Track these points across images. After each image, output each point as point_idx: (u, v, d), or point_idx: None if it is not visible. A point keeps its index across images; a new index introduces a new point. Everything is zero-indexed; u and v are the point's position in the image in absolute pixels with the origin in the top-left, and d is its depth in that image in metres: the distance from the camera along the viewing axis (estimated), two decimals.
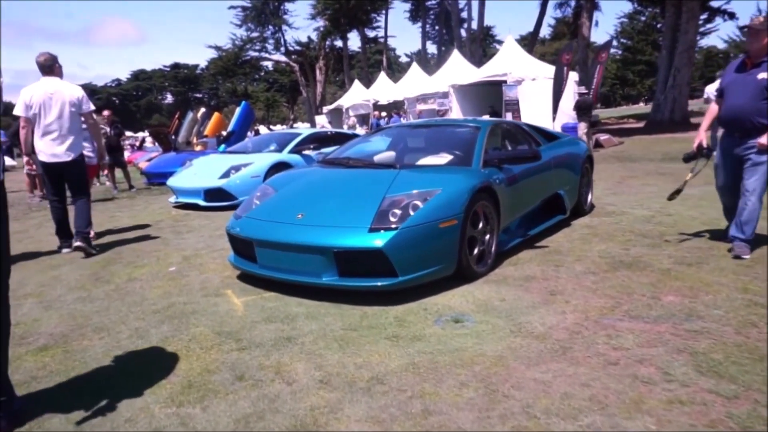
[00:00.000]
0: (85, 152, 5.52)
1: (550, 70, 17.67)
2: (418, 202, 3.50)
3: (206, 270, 4.45)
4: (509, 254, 4.43)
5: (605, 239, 4.87)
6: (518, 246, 4.57)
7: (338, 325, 3.12)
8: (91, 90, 73.46)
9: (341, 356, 2.69)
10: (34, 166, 5.35)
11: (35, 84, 5.12)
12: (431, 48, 47.73)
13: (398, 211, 3.46)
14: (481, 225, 3.88)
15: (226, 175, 7.80)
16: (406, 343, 2.82)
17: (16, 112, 5.06)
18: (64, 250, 5.39)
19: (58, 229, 5.43)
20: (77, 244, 5.17)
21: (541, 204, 5.09)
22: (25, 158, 5.45)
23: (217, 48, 43.00)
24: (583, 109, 13.77)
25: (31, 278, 4.49)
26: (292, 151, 8.53)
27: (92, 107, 5.36)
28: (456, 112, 19.23)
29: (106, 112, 12.10)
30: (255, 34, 41.62)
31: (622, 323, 2.96)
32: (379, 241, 3.29)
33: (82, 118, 5.30)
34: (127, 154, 22.35)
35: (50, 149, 5.10)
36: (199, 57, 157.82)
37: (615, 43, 51.37)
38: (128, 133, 47.07)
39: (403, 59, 73.77)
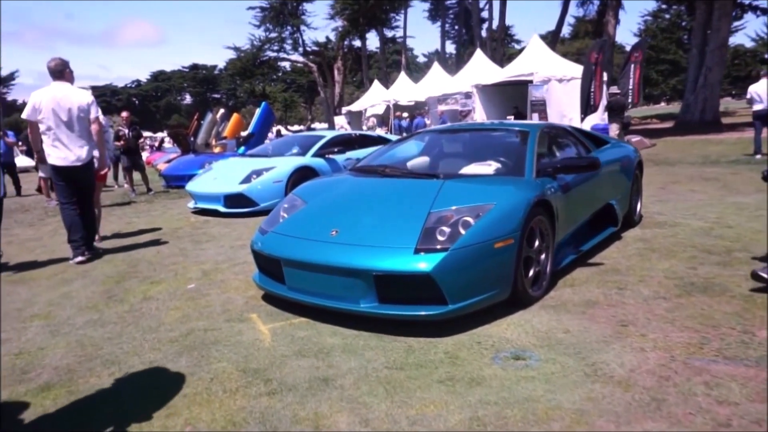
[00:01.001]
0: (96, 154, 5.45)
1: (578, 69, 17.11)
2: (470, 219, 3.07)
3: (228, 288, 4.07)
4: (562, 273, 3.98)
5: (666, 255, 4.39)
6: (570, 264, 4.11)
7: (381, 361, 2.70)
8: (111, 91, 74.37)
9: (389, 406, 2.28)
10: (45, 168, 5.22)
11: (45, 88, 5.07)
12: (449, 48, 47.18)
13: (446, 229, 3.04)
14: (537, 243, 3.44)
15: (247, 180, 7.44)
16: (464, 389, 2.40)
17: (24, 115, 5.03)
18: (78, 258, 5.14)
19: (71, 236, 5.20)
20: (74, 260, 5.17)
21: (591, 216, 4.62)
22: (36, 155, 5.35)
23: (236, 49, 42.87)
24: (615, 109, 13.16)
25: (41, 295, 4.15)
26: (315, 155, 8.16)
27: (99, 113, 5.29)
28: (479, 113, 18.73)
29: (124, 114, 11.85)
30: (273, 35, 41.35)
31: (717, 366, 2.50)
32: (426, 264, 2.87)
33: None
34: (146, 155, 22.30)
35: (61, 153, 5.05)
36: (218, 58, 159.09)
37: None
38: (147, 134, 47.41)
39: (421, 59, 73.30)
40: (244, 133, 14.16)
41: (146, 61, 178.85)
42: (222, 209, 7.47)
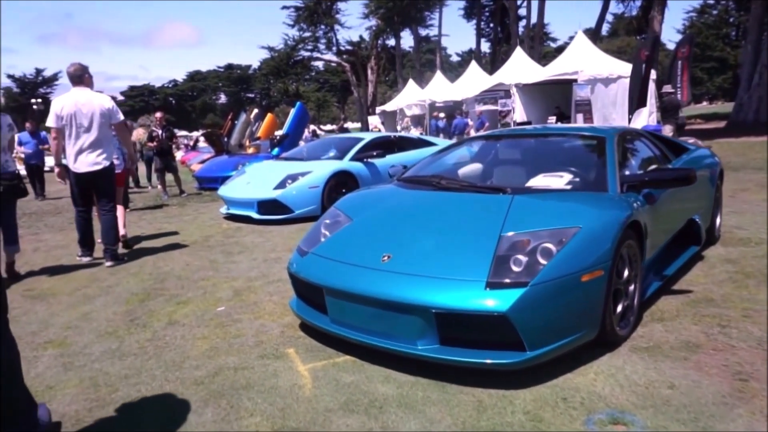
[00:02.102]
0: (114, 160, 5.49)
1: (625, 67, 16.28)
2: (551, 246, 2.54)
3: (262, 312, 3.63)
4: (646, 304, 3.40)
5: (764, 282, 3.77)
6: (653, 292, 3.52)
7: (447, 423, 2.20)
8: (149, 90, 75.85)
9: None
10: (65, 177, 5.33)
11: (66, 94, 5.08)
12: (483, 47, 46.26)
13: (523, 258, 2.52)
14: (626, 272, 2.88)
15: (281, 185, 7.04)
16: None
17: (48, 123, 5.04)
18: (84, 259, 5.34)
19: (81, 239, 5.36)
20: (108, 264, 5.18)
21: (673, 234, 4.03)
22: (56, 169, 5.35)
23: (270, 48, 42.96)
24: (669, 110, 12.33)
25: (60, 314, 3.80)
26: (353, 159, 7.70)
27: (121, 117, 5.31)
28: (519, 114, 18.03)
29: (158, 114, 11.68)
30: (307, 34, 41.24)
31: None
32: (500, 302, 2.36)
33: (113, 128, 5.31)
34: (180, 154, 22.30)
35: (82, 159, 5.04)
36: (252, 57, 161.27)
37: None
38: (183, 133, 47.91)
39: (454, 58, 72.35)
40: (278, 133, 13.86)
41: (184, 62, 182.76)
42: (255, 216, 7.09)
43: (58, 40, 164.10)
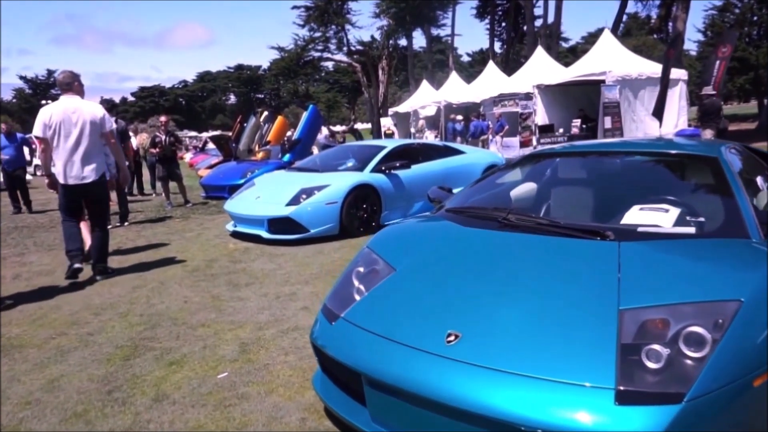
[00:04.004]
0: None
1: (656, 67, 15.41)
2: (701, 331, 1.72)
3: (275, 382, 2.83)
4: None
5: None
6: None
7: None
8: (159, 91, 75.57)
9: None
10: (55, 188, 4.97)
11: (55, 103, 4.89)
12: (496, 47, 45.33)
13: (662, 351, 1.70)
14: None
15: (295, 200, 6.25)
16: None
17: (35, 132, 4.78)
18: (76, 265, 4.91)
19: (68, 246, 4.94)
20: (98, 278, 5.00)
21: None
22: (47, 179, 5.01)
23: (280, 49, 42.25)
24: (711, 113, 11.41)
25: (22, 379, 3.03)
26: (374, 170, 6.89)
27: (113, 127, 5.05)
28: (541, 116, 17.15)
29: (163, 118, 10.97)
30: (318, 34, 40.46)
31: None
32: (644, 427, 1.54)
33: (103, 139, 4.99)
34: (189, 156, 21.63)
35: (72, 171, 4.78)
36: (263, 58, 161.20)
37: (701, 38, 47.11)
38: (192, 134, 47.36)
39: (465, 58, 71.27)
40: (290, 133, 13.12)
41: (195, 62, 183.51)
42: (266, 235, 6.31)
43: (72, 41, 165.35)
